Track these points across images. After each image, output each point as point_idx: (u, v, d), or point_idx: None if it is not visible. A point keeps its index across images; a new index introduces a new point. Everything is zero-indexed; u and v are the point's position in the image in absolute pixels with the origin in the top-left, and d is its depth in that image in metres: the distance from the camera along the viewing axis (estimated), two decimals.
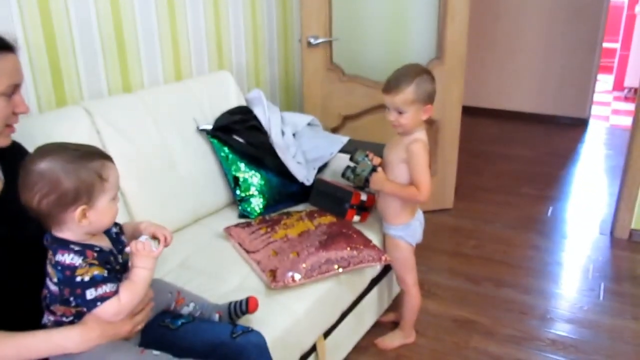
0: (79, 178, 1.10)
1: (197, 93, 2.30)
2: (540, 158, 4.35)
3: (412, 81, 1.84)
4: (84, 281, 1.10)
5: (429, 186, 1.89)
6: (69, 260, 1.11)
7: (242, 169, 2.20)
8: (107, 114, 1.93)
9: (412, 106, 1.86)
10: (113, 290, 1.12)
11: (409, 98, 1.84)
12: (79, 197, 1.11)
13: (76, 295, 1.10)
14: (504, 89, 5.31)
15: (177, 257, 1.91)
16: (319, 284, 1.77)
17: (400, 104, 1.85)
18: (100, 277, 1.11)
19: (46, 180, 1.09)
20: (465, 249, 2.98)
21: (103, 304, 1.11)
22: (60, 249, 1.12)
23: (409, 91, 1.84)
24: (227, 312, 1.53)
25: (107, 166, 1.16)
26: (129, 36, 2.20)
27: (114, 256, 1.20)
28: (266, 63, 3.06)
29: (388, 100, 1.88)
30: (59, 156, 1.11)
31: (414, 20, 2.99)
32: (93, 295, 1.10)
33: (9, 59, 1.18)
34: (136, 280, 1.18)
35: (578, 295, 2.55)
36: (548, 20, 4.91)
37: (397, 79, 1.86)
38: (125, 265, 1.24)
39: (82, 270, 1.10)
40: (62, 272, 1.11)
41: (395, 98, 1.85)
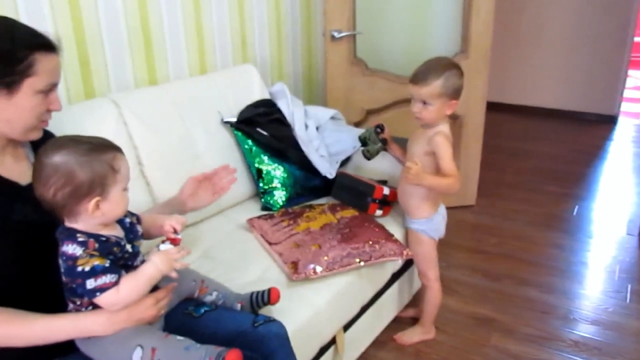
0: (92, 170, 1.13)
1: (221, 86, 2.32)
2: (566, 155, 4.29)
3: (441, 74, 1.82)
4: (84, 271, 1.11)
5: (457, 174, 1.87)
6: (71, 251, 1.13)
7: (265, 162, 2.22)
8: (134, 106, 1.96)
9: (438, 100, 1.85)
10: (113, 280, 1.14)
11: (435, 91, 1.83)
12: (93, 188, 1.14)
13: (78, 285, 1.12)
14: (529, 84, 5.24)
15: (200, 247, 1.94)
16: (339, 277, 1.78)
17: (427, 96, 1.84)
18: (100, 267, 1.13)
19: (61, 173, 1.11)
20: (486, 246, 2.95)
21: (102, 294, 1.13)
22: (67, 239, 1.14)
23: (436, 84, 1.83)
24: (249, 302, 1.55)
25: (119, 157, 1.19)
26: (155, 30, 2.23)
27: (119, 246, 1.21)
28: (289, 57, 3.07)
29: (414, 91, 1.87)
30: (73, 149, 1.13)
31: (438, 13, 2.96)
32: (92, 285, 1.12)
33: (52, 59, 1.22)
34: (140, 275, 1.19)
35: (603, 297, 2.51)
36: (576, 14, 4.82)
37: (426, 71, 1.85)
38: (136, 254, 1.26)
39: (83, 261, 1.12)
40: (65, 262, 1.14)
41: (422, 90, 1.84)
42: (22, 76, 1.17)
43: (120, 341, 1.19)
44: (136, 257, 1.27)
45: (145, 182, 1.93)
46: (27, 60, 1.17)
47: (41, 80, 1.20)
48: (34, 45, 1.19)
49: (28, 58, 1.17)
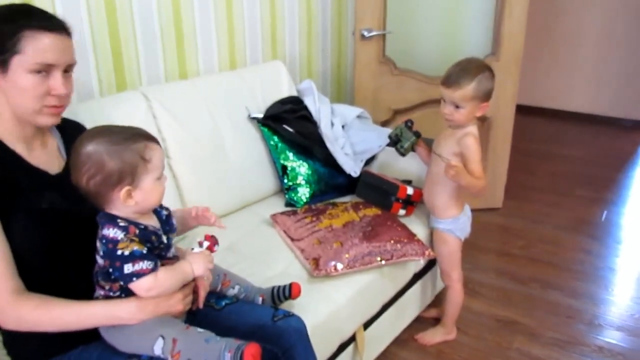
0: (122, 160, 1.15)
1: (249, 82, 2.34)
2: (597, 160, 4.21)
3: (474, 78, 1.81)
4: (124, 255, 1.14)
5: (484, 175, 1.89)
6: (113, 234, 1.16)
7: (290, 158, 2.24)
8: (164, 99, 2.00)
9: (470, 102, 1.84)
10: (150, 267, 1.16)
11: (468, 94, 1.82)
12: (123, 177, 1.16)
13: (115, 268, 1.15)
14: (561, 88, 5.15)
15: (225, 241, 1.95)
16: (361, 275, 1.79)
17: (459, 99, 1.83)
18: (139, 252, 1.15)
19: (92, 162, 1.14)
20: (512, 249, 2.92)
21: (139, 279, 1.16)
22: (107, 223, 1.18)
23: (470, 88, 1.82)
24: (270, 296, 1.57)
25: (150, 147, 1.20)
26: (187, 24, 2.27)
27: (157, 236, 1.24)
28: (319, 54, 3.09)
29: (446, 94, 1.86)
30: (105, 139, 1.16)
31: (470, 14, 2.94)
32: (130, 270, 1.14)
33: (43, 37, 1.19)
34: (178, 269, 1.23)
35: (630, 303, 2.46)
36: (610, 19, 4.73)
37: (459, 74, 1.83)
38: (169, 247, 1.29)
39: (123, 245, 1.15)
40: (106, 245, 1.16)
41: (455, 93, 1.83)
42: (10, 53, 1.17)
43: (143, 331, 1.22)
44: (169, 249, 1.30)
45: (172, 174, 1.96)
46: (14, 36, 1.16)
47: (29, 58, 1.17)
48: (23, 22, 1.18)
49: (16, 34, 1.16)
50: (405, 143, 2.05)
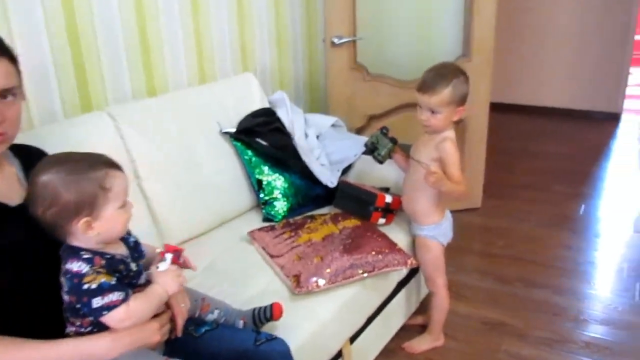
0: (79, 190, 1.10)
1: (220, 96, 2.29)
2: (572, 154, 4.25)
3: (449, 82, 1.80)
4: (91, 289, 1.09)
5: (464, 179, 1.88)
6: (77, 268, 1.10)
7: (265, 172, 2.19)
8: (131, 118, 1.94)
9: (447, 107, 1.83)
10: (120, 298, 1.11)
11: (445, 99, 1.81)
12: (80, 209, 1.11)
13: (83, 304, 1.09)
14: (534, 84, 5.19)
15: (202, 261, 1.90)
16: (344, 289, 1.74)
17: (436, 105, 1.82)
18: (107, 284, 1.10)
19: (48, 193, 1.09)
20: (494, 249, 2.91)
21: (109, 312, 1.10)
22: (70, 257, 1.12)
23: (446, 93, 1.80)
24: (251, 318, 1.52)
25: (112, 175, 1.15)
26: (153, 39, 2.21)
27: (125, 264, 1.18)
28: (291, 63, 3.05)
29: (422, 100, 1.84)
30: (62, 167, 1.11)
31: (440, 17, 2.94)
32: (99, 304, 1.09)
33: None
34: (150, 295, 1.18)
35: (612, 296, 2.47)
36: (579, 14, 4.79)
37: (435, 80, 1.81)
38: (140, 273, 1.24)
39: (90, 278, 1.09)
40: (70, 280, 1.11)
41: (431, 99, 1.81)
42: None
43: None
44: (140, 276, 1.24)
45: (143, 196, 1.90)
46: None
47: None
48: None
49: None
50: (382, 150, 2.02)
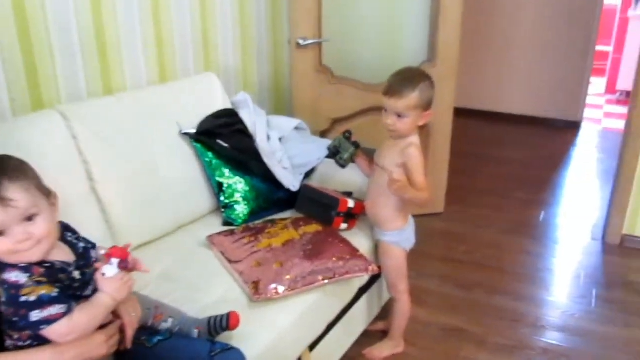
0: None
1: (180, 96, 2.23)
2: (533, 161, 4.31)
3: (416, 87, 1.80)
4: (29, 301, 1.02)
5: (427, 186, 1.87)
6: (14, 278, 1.03)
7: (226, 175, 2.14)
8: (85, 118, 1.86)
9: (414, 112, 1.82)
10: (62, 311, 1.05)
11: (412, 104, 1.80)
12: None
13: (20, 317, 1.03)
14: (497, 91, 5.26)
15: (158, 267, 1.84)
16: (304, 296, 1.71)
17: (403, 109, 1.81)
18: (47, 297, 1.04)
19: None
20: (456, 255, 2.92)
21: (49, 326, 1.04)
22: (8, 266, 1.05)
23: (412, 97, 1.79)
24: (206, 327, 1.47)
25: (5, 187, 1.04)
26: (109, 35, 2.13)
27: (66, 273, 1.12)
28: (255, 64, 3.00)
29: (389, 104, 1.82)
30: None
31: (406, 22, 2.93)
32: (38, 317, 1.02)
33: None
34: (96, 305, 1.12)
35: (570, 303, 2.50)
36: (542, 23, 4.88)
37: (402, 84, 1.80)
38: (86, 283, 1.17)
39: (28, 290, 1.03)
40: (7, 291, 1.04)
41: (398, 103, 1.80)
42: None
43: None
44: (87, 286, 1.18)
45: (97, 199, 1.83)
46: None
47: None
48: None
49: None
50: (345, 154, 2.00)
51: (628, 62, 5.72)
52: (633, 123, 2.78)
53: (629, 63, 5.70)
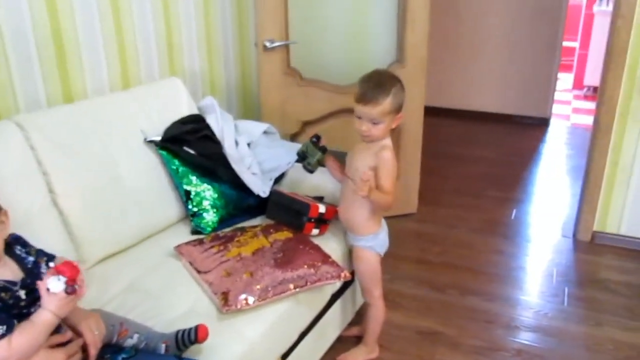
0: None
1: (144, 102, 2.17)
2: (504, 159, 4.34)
3: (389, 92, 1.78)
4: None
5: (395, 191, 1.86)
6: None
7: (193, 182, 2.09)
8: (44, 127, 1.79)
9: (388, 116, 1.81)
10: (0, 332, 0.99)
11: (386, 109, 1.79)
12: None
13: None
14: (467, 89, 5.29)
15: (124, 280, 1.79)
16: (275, 305, 1.67)
17: (378, 115, 1.79)
18: None
19: None
20: (429, 256, 2.92)
21: None
22: None
23: (387, 103, 1.78)
24: (174, 341, 1.43)
25: None
26: (68, 41, 2.06)
27: (9, 291, 1.06)
28: (222, 68, 2.94)
29: (363, 111, 1.80)
30: None
31: (374, 23, 2.91)
32: None
33: None
34: (35, 324, 1.06)
35: (542, 302, 2.51)
36: (509, 21, 4.91)
37: (375, 90, 1.78)
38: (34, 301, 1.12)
39: None
40: None
41: (373, 110, 1.78)
42: None
43: None
44: (34, 304, 1.12)
45: (58, 211, 1.76)
46: None
47: None
48: None
49: None
50: (311, 159, 1.96)
51: (594, 57, 5.81)
52: (600, 119, 2.81)
53: (595, 58, 5.79)
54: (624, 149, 2.80)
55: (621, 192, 2.88)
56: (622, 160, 2.83)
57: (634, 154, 2.79)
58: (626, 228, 2.94)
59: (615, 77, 2.70)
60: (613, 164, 2.85)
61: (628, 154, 2.80)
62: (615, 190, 2.89)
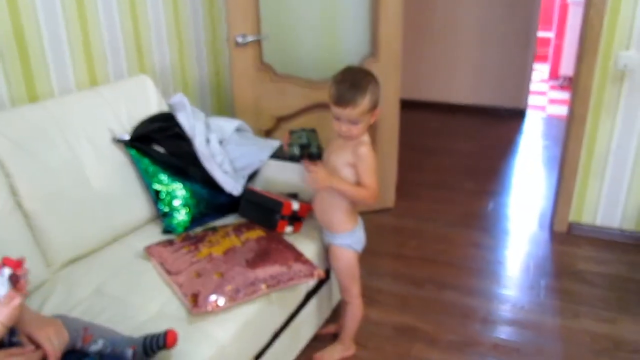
0: None
1: (112, 100, 2.12)
2: (481, 151, 4.34)
3: (366, 91, 1.75)
4: None
5: (378, 187, 1.84)
6: None
7: (164, 182, 2.04)
8: (6, 128, 1.75)
9: (367, 115, 1.79)
10: None
11: (365, 109, 1.76)
12: None
13: None
14: (442, 81, 5.28)
15: (92, 283, 1.74)
16: (246, 306, 1.65)
17: (357, 116, 1.76)
18: None
19: None
20: (407, 250, 2.91)
21: None
22: None
23: (365, 103, 1.75)
24: (142, 347, 1.39)
25: None
26: (31, 38, 2.00)
27: None
28: (194, 64, 2.89)
29: (343, 113, 1.76)
30: None
31: (346, 16, 2.88)
32: None
33: None
34: None
35: (519, 295, 2.52)
36: (484, 12, 4.90)
37: (352, 92, 1.74)
38: None
39: None
40: None
41: (353, 111, 1.75)
42: None
43: None
44: None
45: (22, 214, 1.71)
46: None
47: None
48: None
49: None
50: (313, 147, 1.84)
51: (569, 47, 5.84)
52: (575, 110, 2.81)
53: (569, 49, 5.82)
54: (599, 139, 2.81)
55: (596, 183, 2.89)
56: (596, 151, 2.84)
57: (608, 145, 2.80)
58: (602, 219, 2.95)
59: (588, 67, 2.70)
60: (588, 155, 2.86)
61: (602, 145, 2.81)
62: (591, 181, 2.90)
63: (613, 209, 2.91)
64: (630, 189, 2.83)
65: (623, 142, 2.77)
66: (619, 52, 2.62)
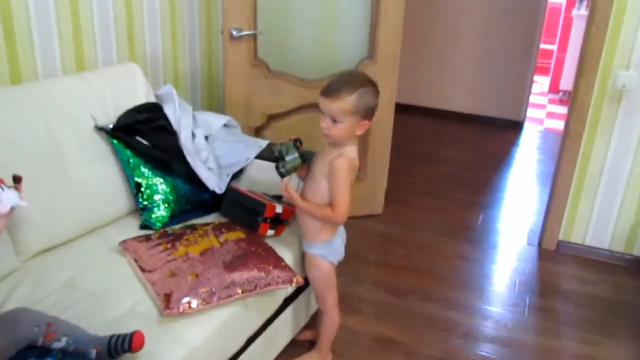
0: None
1: (98, 87, 2.05)
2: (475, 161, 4.30)
3: (354, 91, 1.67)
4: None
5: (346, 207, 1.74)
6: None
7: (145, 175, 1.98)
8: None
9: (349, 117, 1.69)
10: None
11: (347, 108, 1.67)
12: None
13: None
14: (441, 88, 5.23)
15: (62, 275, 1.68)
16: (221, 309, 1.59)
17: (337, 112, 1.68)
18: None
19: None
20: (392, 259, 2.86)
21: None
22: None
23: (349, 100, 1.66)
24: (106, 347, 1.34)
25: None
26: (18, 19, 1.93)
27: None
28: (186, 55, 2.83)
29: (324, 105, 1.69)
30: None
31: (346, 17, 2.82)
32: None
33: None
34: None
35: (503, 311, 2.47)
36: (486, 20, 4.86)
37: (340, 85, 1.68)
38: None
39: None
40: None
41: (332, 104, 1.67)
42: None
43: None
44: None
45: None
46: None
47: None
48: None
49: None
50: (288, 164, 1.77)
51: (571, 61, 5.80)
52: (571, 126, 2.77)
53: (571, 63, 5.79)
54: (593, 158, 2.77)
55: (588, 202, 2.85)
56: (590, 170, 2.80)
57: (602, 164, 2.76)
58: (591, 239, 2.92)
59: (587, 84, 2.66)
60: (581, 173, 2.82)
61: (596, 164, 2.77)
62: (583, 200, 2.86)
63: (603, 229, 2.87)
64: (622, 210, 2.80)
65: (617, 162, 2.73)
66: (618, 71, 2.58)
